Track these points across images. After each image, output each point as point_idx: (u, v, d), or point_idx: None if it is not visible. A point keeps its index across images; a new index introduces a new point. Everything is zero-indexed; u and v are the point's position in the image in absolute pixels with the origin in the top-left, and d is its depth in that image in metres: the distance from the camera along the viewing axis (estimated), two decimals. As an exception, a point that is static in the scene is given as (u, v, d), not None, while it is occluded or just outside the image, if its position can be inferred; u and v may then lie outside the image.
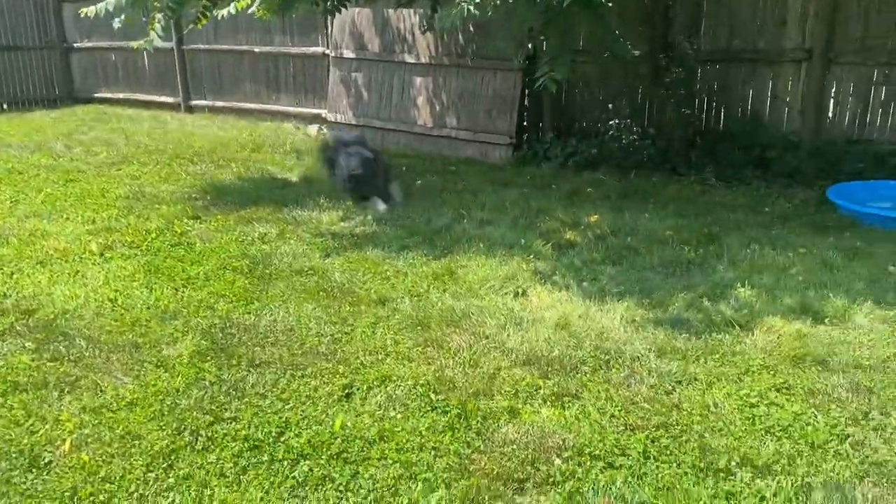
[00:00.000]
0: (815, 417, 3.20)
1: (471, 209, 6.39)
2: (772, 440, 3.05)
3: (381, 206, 6.43)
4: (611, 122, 8.25)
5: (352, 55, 9.67)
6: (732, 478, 2.82)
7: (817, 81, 7.20)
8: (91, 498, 2.69)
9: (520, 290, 4.62)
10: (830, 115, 7.36)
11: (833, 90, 7.31)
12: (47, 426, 3.13)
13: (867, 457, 2.94)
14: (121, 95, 12.42)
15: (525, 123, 8.73)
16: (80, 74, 12.95)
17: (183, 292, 4.57)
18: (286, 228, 5.88)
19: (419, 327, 4.09)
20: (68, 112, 11.71)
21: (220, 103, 11.40)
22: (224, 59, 11.22)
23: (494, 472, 2.83)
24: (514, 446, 3.00)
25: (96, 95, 12.68)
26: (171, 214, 6.20)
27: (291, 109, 10.74)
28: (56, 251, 5.25)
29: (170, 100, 11.89)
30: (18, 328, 4.05)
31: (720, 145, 7.53)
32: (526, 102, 8.68)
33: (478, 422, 3.19)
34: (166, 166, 8.04)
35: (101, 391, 3.43)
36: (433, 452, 2.98)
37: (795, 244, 5.39)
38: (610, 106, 8.40)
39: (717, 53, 7.72)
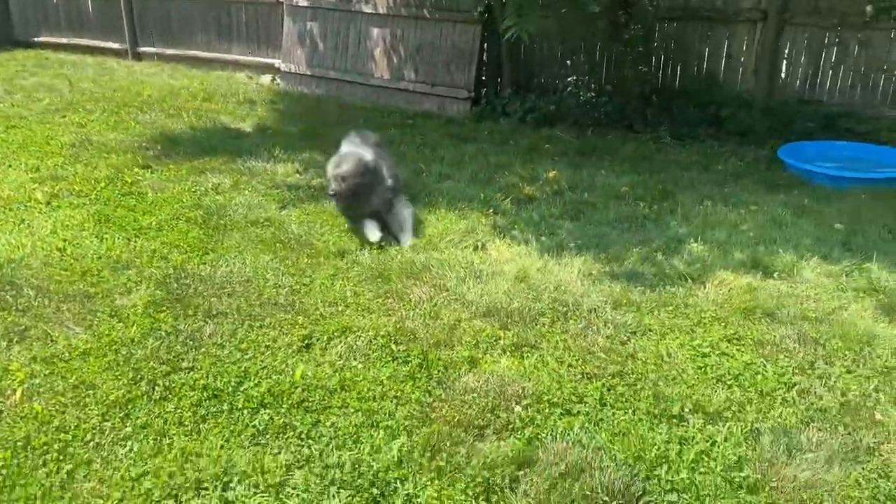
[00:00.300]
0: (764, 367, 3.31)
1: (429, 163, 6.35)
2: (723, 388, 3.15)
3: (374, 235, 4.58)
4: (569, 79, 8.24)
5: (306, 3, 9.40)
6: (685, 423, 2.92)
7: (771, 42, 7.28)
8: (45, 447, 2.64)
9: (479, 244, 4.63)
10: (783, 75, 7.47)
11: (786, 51, 7.41)
12: (-4, 376, 3.05)
13: (812, 404, 3.06)
14: (63, 40, 11.85)
15: (483, 78, 8.65)
16: (20, 18, 12.29)
17: (135, 242, 4.46)
18: (240, 179, 5.76)
19: (379, 279, 4.08)
20: (7, 57, 11.14)
21: (169, 51, 10.99)
22: (173, 4, 10.78)
23: (455, 420, 2.87)
24: (475, 394, 3.04)
25: (37, 40, 12.06)
26: (121, 163, 6.00)
27: (244, 59, 10.41)
28: (-1, 199, 5.06)
29: (116, 46, 11.41)
30: (-39, 277, 3.90)
31: (676, 103, 7.59)
32: (485, 57, 8.59)
33: (439, 371, 3.21)
34: (114, 114, 7.75)
35: (52, 341, 3.34)
36: (395, 401, 3.00)
37: (747, 201, 5.51)
38: (568, 62, 8.37)
39: (675, 11, 7.74)
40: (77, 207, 5.00)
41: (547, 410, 2.97)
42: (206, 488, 2.48)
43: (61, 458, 2.60)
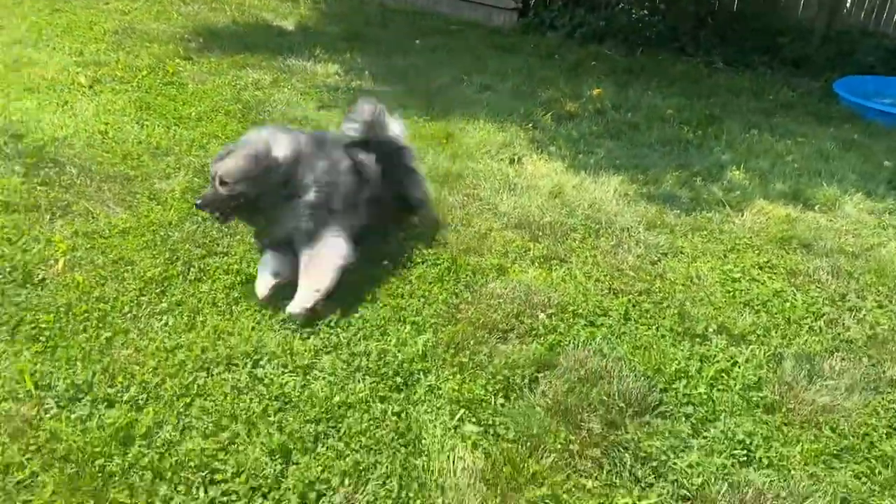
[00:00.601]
0: (794, 295, 3.29)
1: (471, 73, 6.23)
2: (750, 312, 3.15)
3: (262, 288, 2.88)
4: (622, -6, 7.94)
5: None
6: (708, 343, 2.93)
7: (841, -33, 6.92)
8: (85, 314, 2.74)
9: (516, 157, 4.59)
10: (848, 4, 7.11)
11: (856, -22, 7.04)
12: (40, 246, 3.14)
13: (839, 334, 3.04)
14: (107, -75, 11.66)
15: (533, -11, 8.36)
16: None
17: (175, 130, 4.49)
18: (280, 77, 5.73)
19: (413, 183, 4.06)
20: (51, -61, 11.01)
21: (213, -58, 10.76)
22: None
23: (480, 322, 2.91)
24: (501, 300, 3.07)
25: (81, -77, 11.88)
26: (163, 53, 5.98)
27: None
28: (43, 80, 5.09)
29: (160, -66, 11.19)
30: (8, 150, 3.98)
31: (731, 26, 7.29)
32: (536, -34, 8.28)
33: (467, 276, 3.24)
34: (157, 4, 7.67)
35: (93, 218, 3.42)
36: (422, 300, 3.05)
37: (795, 132, 5.35)
38: (622, -23, 8.04)
39: (742, -72, 7.35)
40: (119, 93, 5.03)
41: (571, 320, 3.00)
42: (237, 364, 2.58)
43: (100, 325, 2.71)
